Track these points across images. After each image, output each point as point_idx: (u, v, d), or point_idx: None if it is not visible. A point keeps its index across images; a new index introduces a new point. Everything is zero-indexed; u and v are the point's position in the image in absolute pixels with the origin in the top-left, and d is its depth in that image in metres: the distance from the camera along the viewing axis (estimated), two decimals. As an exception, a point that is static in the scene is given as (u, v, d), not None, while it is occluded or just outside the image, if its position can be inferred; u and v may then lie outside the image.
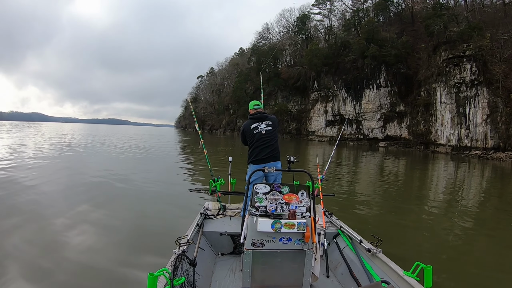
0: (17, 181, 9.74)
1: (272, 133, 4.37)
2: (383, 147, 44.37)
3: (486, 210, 9.38)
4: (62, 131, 60.47)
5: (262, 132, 4.31)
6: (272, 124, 4.40)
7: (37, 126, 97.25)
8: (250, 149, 4.41)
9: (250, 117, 4.50)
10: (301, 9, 67.37)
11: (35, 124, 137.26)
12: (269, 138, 4.32)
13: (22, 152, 17.72)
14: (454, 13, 36.89)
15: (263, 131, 4.31)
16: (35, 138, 34.59)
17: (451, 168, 21.11)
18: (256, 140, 4.32)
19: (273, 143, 4.34)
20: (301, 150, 30.67)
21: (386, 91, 45.74)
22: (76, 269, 4.35)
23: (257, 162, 4.25)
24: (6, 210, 6.85)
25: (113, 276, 4.23)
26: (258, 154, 4.27)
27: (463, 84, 33.63)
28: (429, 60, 38.32)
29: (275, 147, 4.35)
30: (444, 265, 4.82)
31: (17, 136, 37.95)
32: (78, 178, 11.05)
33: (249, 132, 4.38)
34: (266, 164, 4.13)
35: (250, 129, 4.37)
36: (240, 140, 4.62)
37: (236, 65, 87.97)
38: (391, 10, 51.09)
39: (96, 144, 30.35)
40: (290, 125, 65.85)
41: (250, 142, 4.40)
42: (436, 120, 37.21)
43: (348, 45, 50.70)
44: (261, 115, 4.45)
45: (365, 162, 23.21)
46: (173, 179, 11.96)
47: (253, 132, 4.33)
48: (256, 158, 4.28)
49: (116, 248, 5.18)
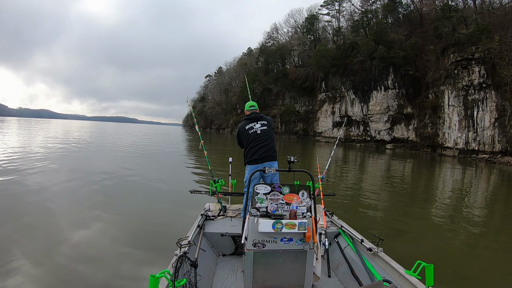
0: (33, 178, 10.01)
1: (268, 133, 4.30)
2: (390, 149, 44.18)
3: (491, 213, 9.33)
4: (71, 128, 61.11)
5: (257, 132, 4.25)
6: (267, 124, 4.34)
7: (47, 123, 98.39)
8: (245, 149, 4.34)
9: (245, 118, 4.45)
10: (309, 9, 67.52)
11: (44, 121, 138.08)
12: (265, 137, 4.25)
13: (37, 149, 17.89)
14: (463, 15, 36.66)
15: (258, 131, 4.25)
16: (49, 134, 35.20)
17: (457, 172, 21.03)
18: (251, 140, 4.25)
19: (269, 143, 4.26)
20: (307, 151, 30.63)
21: (393, 93, 45.57)
22: (75, 270, 4.37)
23: (253, 162, 4.20)
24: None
25: (114, 278, 4.25)
26: (254, 154, 4.20)
27: (471, 87, 33.36)
28: (437, 62, 38.08)
29: (271, 146, 4.28)
30: (446, 264, 4.82)
31: (32, 132, 38.67)
32: (82, 176, 11.17)
33: (244, 132, 4.33)
34: (262, 164, 4.12)
35: (245, 129, 4.32)
36: (236, 142, 4.58)
37: (244, 65, 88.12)
38: (399, 12, 50.84)
39: (107, 141, 30.68)
40: (297, 125, 65.87)
41: (245, 143, 4.33)
42: (444, 123, 36.98)
43: (356, 46, 50.58)
44: (256, 115, 4.40)
45: (371, 164, 23.23)
46: (175, 179, 12.02)
47: (248, 132, 4.27)
48: (251, 158, 4.22)
49: (117, 249, 5.20)
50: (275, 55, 71.80)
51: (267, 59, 74.99)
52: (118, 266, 4.61)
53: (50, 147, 20.83)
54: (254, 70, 78.97)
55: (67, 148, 20.76)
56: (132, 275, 4.35)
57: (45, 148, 19.78)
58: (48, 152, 17.26)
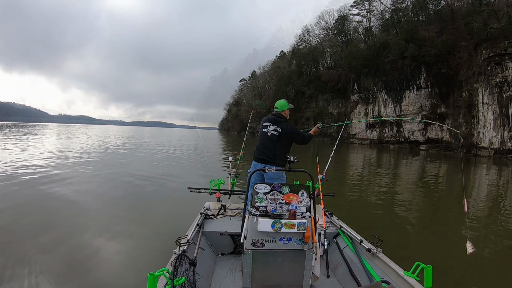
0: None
1: (276, 138, 4.26)
2: (424, 150, 42.94)
3: (495, 216, 8.75)
4: (113, 133, 62.41)
5: (268, 134, 4.28)
6: (281, 131, 4.26)
7: (92, 129, 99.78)
8: (256, 144, 4.42)
9: (271, 114, 4.47)
10: (340, 10, 66.91)
11: (90, 127, 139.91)
12: (271, 141, 4.25)
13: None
14: (494, 9, 34.91)
15: (268, 133, 4.27)
16: (106, 139, 35.67)
17: (492, 172, 20.10)
18: (260, 138, 4.35)
19: (273, 147, 4.23)
20: (341, 154, 29.56)
21: (426, 92, 44.41)
22: (69, 265, 4.37)
23: (254, 159, 4.31)
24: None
25: (112, 276, 4.24)
26: (257, 153, 4.31)
27: (506, 84, 31.88)
28: (470, 59, 36.65)
29: (274, 151, 4.23)
30: (445, 265, 4.74)
31: (92, 136, 38.98)
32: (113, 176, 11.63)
33: (260, 128, 4.41)
34: (261, 164, 4.13)
35: (262, 126, 4.38)
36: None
37: (277, 68, 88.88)
38: (430, 8, 49.14)
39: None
40: (331, 128, 65.27)
41: (258, 138, 4.41)
42: (478, 122, 35.54)
43: (387, 45, 49.72)
44: (276, 118, 4.35)
45: (404, 167, 22.37)
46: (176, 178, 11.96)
47: (262, 130, 4.34)
48: (255, 155, 4.32)
49: (116, 247, 5.20)
50: (307, 57, 71.93)
51: (299, 61, 75.38)
52: (116, 263, 4.61)
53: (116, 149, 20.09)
54: (287, 73, 79.45)
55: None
56: (131, 273, 4.32)
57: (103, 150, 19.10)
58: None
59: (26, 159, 14.73)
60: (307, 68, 74.35)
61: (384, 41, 50.63)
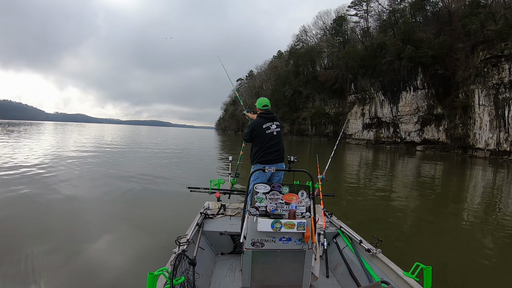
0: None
1: (281, 135, 4.37)
2: (420, 151, 43.06)
3: (495, 216, 8.76)
4: (110, 132, 62.05)
5: (274, 133, 4.27)
6: (280, 125, 4.41)
7: (89, 127, 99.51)
8: (258, 148, 4.30)
9: (261, 116, 4.41)
10: (337, 11, 67.02)
11: (87, 125, 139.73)
12: (279, 139, 4.31)
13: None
14: (491, 11, 35.05)
15: (274, 132, 4.28)
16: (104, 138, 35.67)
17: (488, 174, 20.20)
18: (268, 140, 4.25)
19: (282, 145, 4.34)
20: (338, 156, 29.51)
21: (423, 93, 44.56)
22: (72, 268, 4.34)
23: (266, 162, 4.12)
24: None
25: (112, 275, 4.21)
26: (269, 155, 4.22)
27: (502, 85, 32.00)
28: (466, 60, 36.77)
29: (283, 148, 4.36)
30: (444, 266, 4.76)
31: (85, 135, 39.11)
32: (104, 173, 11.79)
33: (260, 131, 4.28)
34: (276, 165, 4.12)
35: (262, 128, 4.29)
36: (244, 136, 4.49)
37: (274, 68, 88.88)
38: (427, 10, 49.29)
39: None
40: (328, 128, 65.59)
41: (259, 141, 4.30)
42: (475, 123, 35.60)
43: (384, 46, 49.89)
44: (272, 116, 4.40)
45: (400, 168, 22.36)
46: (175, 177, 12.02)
47: (265, 132, 4.26)
48: (266, 158, 4.21)
49: (116, 247, 5.22)
50: (305, 57, 71.87)
51: (296, 61, 75.33)
52: (115, 262, 4.62)
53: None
54: (284, 73, 79.46)
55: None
56: (130, 272, 4.31)
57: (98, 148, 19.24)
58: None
59: (22, 159, 14.53)
60: (304, 68, 74.33)
61: (381, 42, 50.75)
